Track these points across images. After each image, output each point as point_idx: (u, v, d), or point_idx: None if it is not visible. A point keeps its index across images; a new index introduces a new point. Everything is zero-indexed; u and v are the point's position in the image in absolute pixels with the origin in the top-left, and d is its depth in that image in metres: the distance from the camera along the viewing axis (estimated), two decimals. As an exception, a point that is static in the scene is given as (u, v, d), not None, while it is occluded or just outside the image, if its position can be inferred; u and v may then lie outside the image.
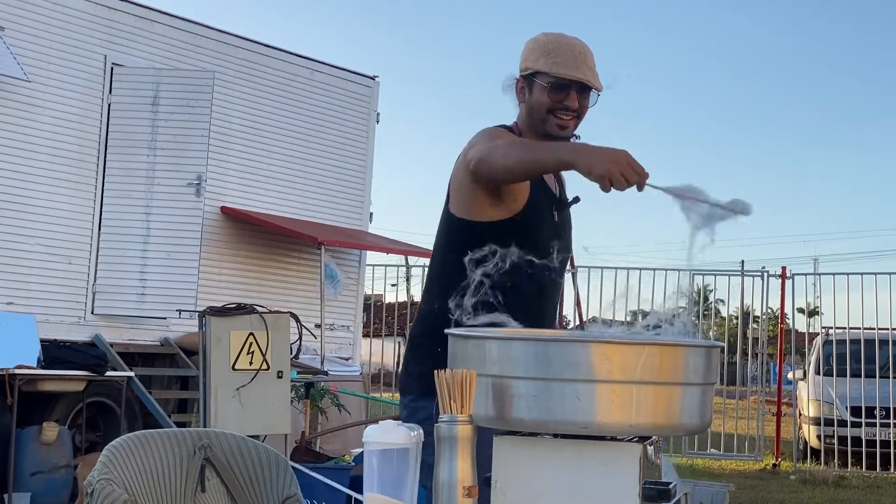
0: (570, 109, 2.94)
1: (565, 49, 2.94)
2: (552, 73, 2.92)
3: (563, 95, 2.93)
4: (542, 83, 2.94)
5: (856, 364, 13.16)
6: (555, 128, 2.95)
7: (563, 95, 2.93)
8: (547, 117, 2.94)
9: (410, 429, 2.01)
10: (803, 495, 10.51)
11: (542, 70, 2.94)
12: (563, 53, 2.93)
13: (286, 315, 7.11)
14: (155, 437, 2.71)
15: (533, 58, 2.96)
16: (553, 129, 2.95)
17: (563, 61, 2.92)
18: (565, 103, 2.93)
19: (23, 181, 8.87)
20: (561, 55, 2.92)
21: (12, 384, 7.42)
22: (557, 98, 2.93)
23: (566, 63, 2.92)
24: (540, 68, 2.94)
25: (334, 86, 11.32)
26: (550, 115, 2.94)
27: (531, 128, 2.99)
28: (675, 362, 2.07)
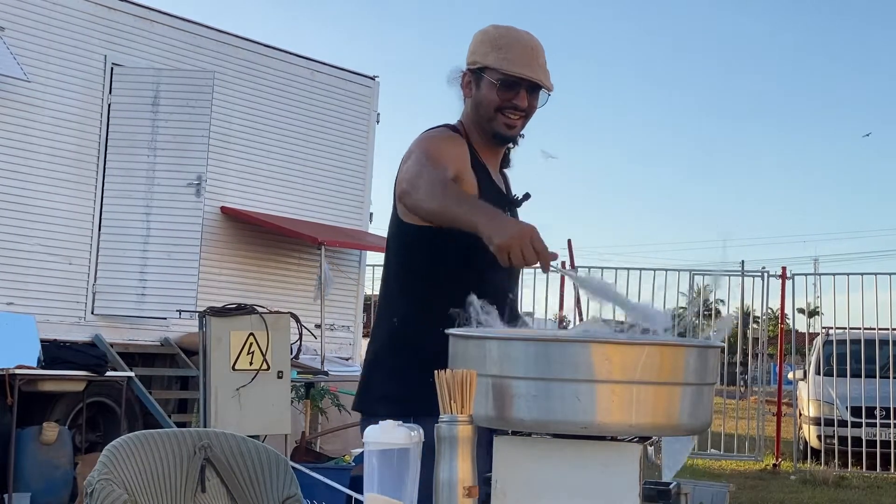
0: (518, 109, 2.81)
1: (516, 45, 2.79)
2: (502, 69, 2.77)
3: (513, 94, 2.79)
4: (490, 79, 2.80)
5: (856, 364, 13.15)
6: (502, 127, 2.82)
7: (512, 94, 2.79)
8: (494, 116, 2.81)
9: (410, 429, 2.01)
10: (803, 495, 10.51)
11: (491, 66, 2.79)
12: (514, 49, 2.78)
13: (286, 315, 7.11)
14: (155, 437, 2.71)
15: (482, 52, 2.81)
16: (500, 128, 2.82)
17: (515, 58, 2.77)
18: (514, 102, 2.79)
19: (22, 181, 8.88)
20: (512, 51, 2.78)
21: (12, 384, 7.42)
22: (506, 96, 2.79)
23: (517, 60, 2.77)
24: (489, 63, 2.79)
25: (334, 86, 11.32)
26: (498, 113, 2.81)
27: (477, 125, 2.86)
28: (675, 362, 2.07)
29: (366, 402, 2.81)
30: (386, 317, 2.84)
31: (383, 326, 2.85)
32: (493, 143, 2.88)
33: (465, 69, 2.87)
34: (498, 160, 2.96)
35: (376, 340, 2.86)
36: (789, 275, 13.29)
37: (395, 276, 2.87)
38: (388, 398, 2.72)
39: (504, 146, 2.93)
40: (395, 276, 2.87)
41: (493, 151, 2.92)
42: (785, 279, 13.20)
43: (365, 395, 2.83)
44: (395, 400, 2.69)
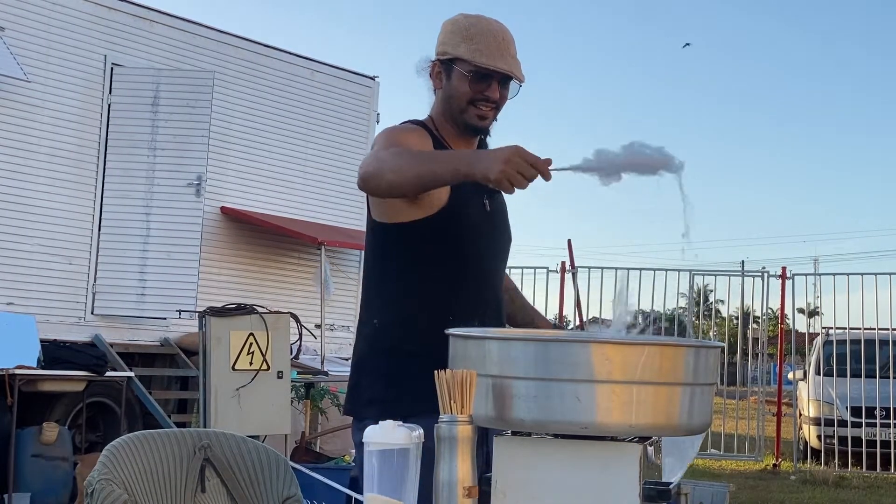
0: (490, 100, 2.77)
1: (488, 35, 2.75)
2: (474, 61, 2.73)
3: (485, 86, 2.75)
4: (461, 71, 2.76)
5: (856, 364, 13.15)
6: (474, 118, 2.78)
7: (484, 86, 2.75)
8: (466, 108, 2.77)
9: (410, 429, 2.01)
10: (803, 495, 10.51)
11: (462, 57, 2.75)
12: (485, 40, 2.74)
13: (286, 315, 7.10)
14: (155, 437, 2.71)
15: (453, 42, 2.77)
16: (473, 119, 2.78)
17: (486, 49, 2.73)
18: (486, 94, 2.76)
19: (22, 181, 8.88)
20: (483, 42, 2.74)
21: (12, 384, 7.42)
22: (478, 88, 2.75)
23: (489, 51, 2.74)
24: (460, 55, 2.75)
25: (334, 86, 11.33)
26: (470, 105, 2.77)
27: (448, 117, 2.82)
28: (675, 362, 2.07)
29: (355, 406, 2.79)
30: (366, 319, 2.82)
31: (364, 329, 2.82)
32: (466, 133, 2.85)
33: (434, 59, 2.83)
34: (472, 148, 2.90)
35: (359, 343, 2.83)
36: (789, 275, 13.29)
37: (371, 278, 2.85)
38: (375, 401, 2.70)
39: (476, 136, 2.89)
40: (372, 278, 2.85)
41: (466, 142, 2.87)
42: (785, 279, 13.20)
43: (354, 400, 2.81)
44: (382, 402, 2.67)
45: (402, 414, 2.42)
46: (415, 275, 2.75)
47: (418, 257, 2.73)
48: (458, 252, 2.75)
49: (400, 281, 2.77)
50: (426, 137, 2.79)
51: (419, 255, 2.73)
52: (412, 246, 2.73)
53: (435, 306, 2.71)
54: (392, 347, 2.73)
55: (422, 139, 2.78)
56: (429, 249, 2.72)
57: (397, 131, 2.78)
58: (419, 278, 2.74)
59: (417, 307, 2.72)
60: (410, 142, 2.71)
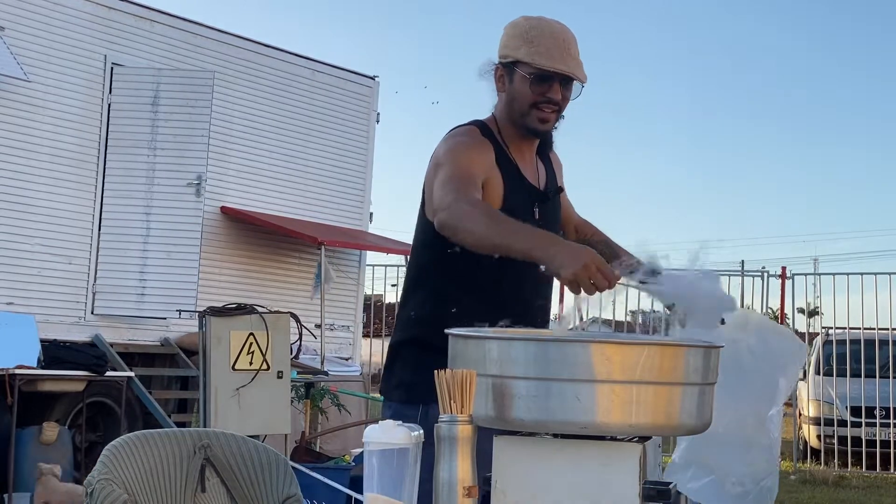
0: (552, 102, 2.80)
1: (548, 37, 2.77)
2: (535, 63, 2.76)
3: (546, 87, 2.78)
4: (523, 73, 2.78)
5: (856, 364, 13.14)
6: (536, 122, 2.82)
7: (545, 87, 2.78)
8: (529, 111, 2.81)
9: (410, 429, 2.01)
10: (803, 495, 10.51)
11: (523, 59, 2.77)
12: (545, 42, 2.76)
13: (286, 315, 7.10)
14: (155, 437, 2.71)
15: (514, 45, 2.80)
16: (534, 123, 2.82)
17: (546, 51, 2.75)
18: (548, 95, 2.78)
19: (23, 181, 8.88)
20: (543, 44, 2.75)
21: (12, 384, 7.42)
22: (540, 90, 2.78)
23: (549, 53, 2.75)
24: (521, 57, 2.77)
25: (334, 86, 11.33)
26: (533, 108, 2.80)
27: (510, 120, 2.86)
28: (675, 362, 2.07)
29: (385, 388, 2.94)
30: (404, 308, 2.92)
31: (401, 318, 2.93)
32: (528, 136, 2.88)
33: (497, 62, 2.86)
34: (532, 151, 2.95)
35: (396, 332, 2.95)
36: (789, 275, 13.28)
37: (413, 269, 2.95)
38: (401, 385, 2.85)
39: (538, 139, 2.92)
40: (413, 270, 2.94)
41: (528, 143, 2.92)
42: (785, 279, 13.19)
43: (385, 382, 2.95)
44: (406, 386, 2.81)
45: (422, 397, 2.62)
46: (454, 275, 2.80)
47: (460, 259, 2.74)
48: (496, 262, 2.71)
49: (439, 279, 2.84)
50: (488, 150, 2.82)
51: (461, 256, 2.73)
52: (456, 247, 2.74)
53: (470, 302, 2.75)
54: (423, 340, 2.81)
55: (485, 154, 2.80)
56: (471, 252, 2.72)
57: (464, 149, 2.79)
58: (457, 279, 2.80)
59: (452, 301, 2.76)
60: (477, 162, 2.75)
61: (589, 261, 2.33)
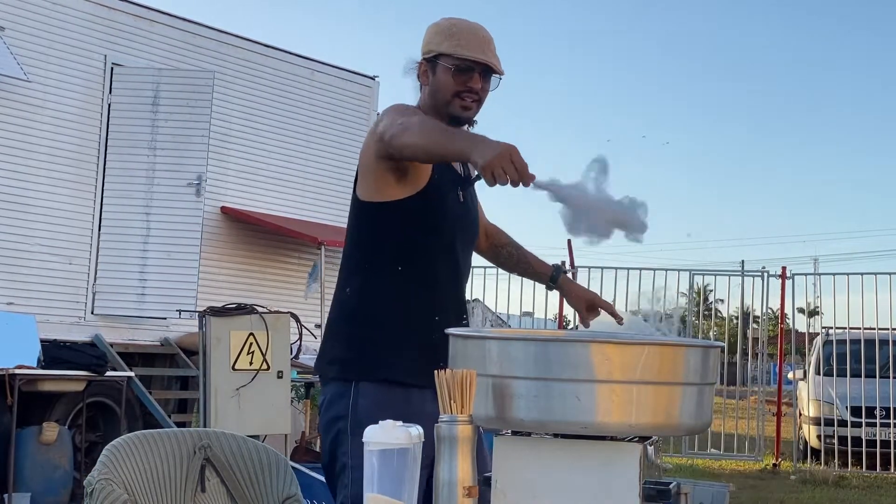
0: (473, 91, 2.92)
1: (468, 32, 2.94)
2: (456, 54, 2.91)
3: (468, 77, 2.91)
4: (445, 65, 2.92)
5: (856, 364, 13.14)
6: (459, 109, 2.93)
7: (467, 77, 2.91)
8: (452, 100, 2.93)
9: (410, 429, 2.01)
10: (803, 495, 10.50)
11: (445, 52, 2.92)
12: (466, 36, 2.92)
13: (286, 315, 7.11)
14: (155, 437, 2.71)
15: (437, 41, 2.95)
16: (457, 110, 2.93)
17: (467, 43, 2.91)
18: (469, 85, 2.91)
19: (23, 181, 8.88)
20: (464, 38, 2.92)
21: (12, 384, 7.42)
22: (462, 79, 2.91)
23: (470, 45, 2.91)
24: (444, 50, 2.92)
25: (334, 86, 11.32)
26: (455, 97, 2.92)
27: (434, 111, 2.96)
28: (675, 362, 2.07)
29: (319, 365, 3.00)
30: (341, 288, 3.00)
31: (337, 296, 3.00)
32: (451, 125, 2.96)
33: (420, 59, 2.99)
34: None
35: (332, 310, 3.02)
36: (789, 275, 13.28)
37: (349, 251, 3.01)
38: (335, 361, 2.92)
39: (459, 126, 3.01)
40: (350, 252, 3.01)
41: None
42: (785, 279, 13.19)
43: (319, 360, 3.01)
44: (340, 362, 2.89)
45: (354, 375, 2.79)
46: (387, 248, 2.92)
47: (393, 233, 2.91)
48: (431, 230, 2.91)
49: (373, 254, 2.94)
50: None
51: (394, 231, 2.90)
52: (389, 223, 2.90)
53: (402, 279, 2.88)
54: (356, 312, 2.92)
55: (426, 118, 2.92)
56: (404, 227, 2.90)
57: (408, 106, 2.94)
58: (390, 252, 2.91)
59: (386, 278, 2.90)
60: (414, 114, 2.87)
61: (504, 150, 2.40)
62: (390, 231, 2.90)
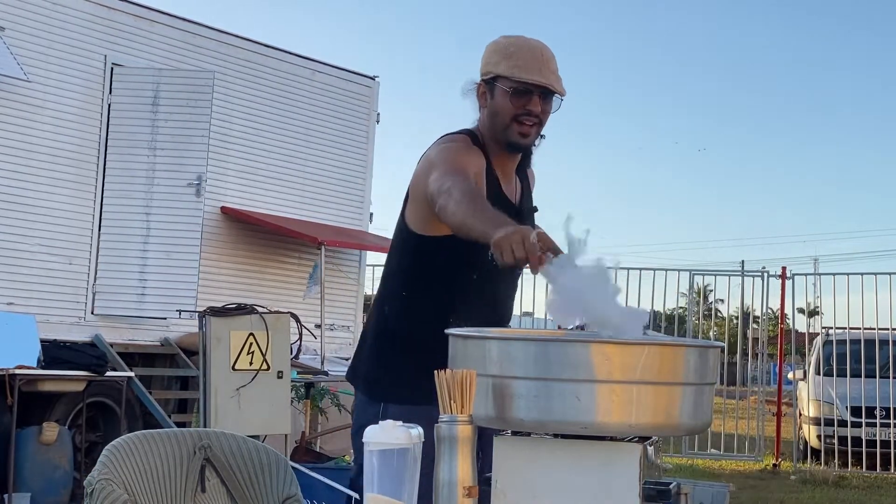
0: (532, 114, 2.85)
1: (526, 52, 2.84)
2: (514, 77, 2.83)
3: (526, 100, 2.84)
4: (503, 87, 2.85)
5: (856, 364, 13.14)
6: (517, 136, 2.87)
7: (525, 100, 2.84)
8: (510, 124, 2.86)
9: (410, 429, 2.01)
10: (803, 495, 10.51)
11: (503, 74, 2.84)
12: (524, 56, 2.83)
13: (286, 315, 7.10)
14: (155, 437, 2.71)
15: (494, 61, 2.87)
16: (515, 136, 2.87)
17: (525, 64, 2.83)
18: (528, 108, 2.84)
19: (23, 181, 8.88)
20: (522, 58, 2.83)
21: (12, 384, 7.42)
22: (520, 103, 2.84)
23: (528, 66, 2.82)
24: (501, 72, 2.85)
25: (334, 86, 11.32)
26: (514, 122, 2.86)
27: (492, 134, 2.91)
28: (675, 362, 2.08)
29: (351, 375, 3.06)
30: (379, 305, 3.03)
31: (375, 312, 3.04)
32: (510, 151, 2.94)
33: (479, 80, 2.93)
34: (513, 167, 3.01)
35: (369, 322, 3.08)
36: (789, 275, 13.28)
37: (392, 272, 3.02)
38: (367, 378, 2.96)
39: (519, 154, 2.98)
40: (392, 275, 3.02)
41: (509, 158, 2.98)
42: (785, 279, 13.19)
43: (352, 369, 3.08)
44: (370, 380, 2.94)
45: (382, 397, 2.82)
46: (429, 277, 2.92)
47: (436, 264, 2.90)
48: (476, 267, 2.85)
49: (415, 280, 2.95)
50: (479, 158, 2.90)
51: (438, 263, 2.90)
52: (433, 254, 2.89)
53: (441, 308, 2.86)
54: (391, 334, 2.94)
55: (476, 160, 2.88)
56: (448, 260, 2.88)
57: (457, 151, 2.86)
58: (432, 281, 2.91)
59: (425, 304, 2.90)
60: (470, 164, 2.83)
61: (517, 231, 2.31)
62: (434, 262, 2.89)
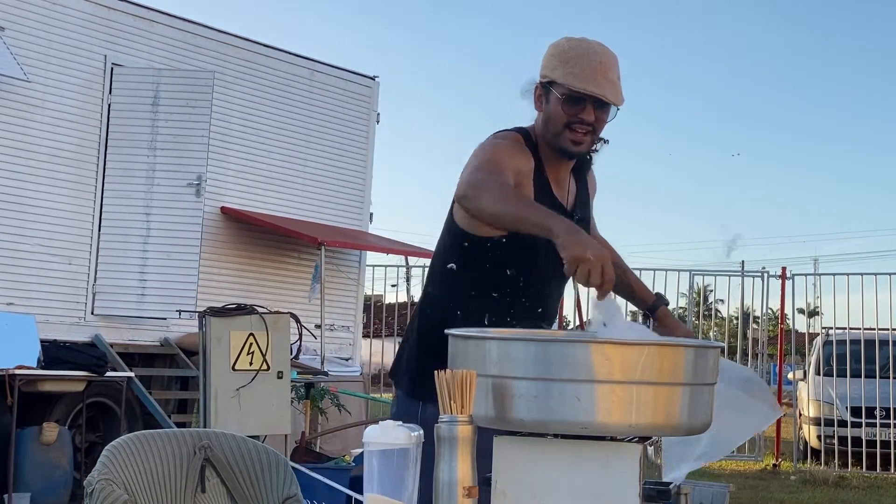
0: (585, 123, 2.80)
1: (584, 59, 2.77)
2: (567, 84, 2.77)
3: (579, 109, 2.79)
4: (557, 94, 2.80)
5: (856, 364, 13.15)
6: (569, 143, 2.83)
7: (578, 109, 2.79)
8: (562, 131, 2.81)
9: (410, 429, 2.01)
10: (803, 495, 10.51)
11: (558, 80, 2.79)
12: (581, 63, 2.77)
13: (286, 315, 7.10)
14: (155, 437, 2.71)
15: (552, 65, 2.82)
16: (567, 143, 2.83)
17: (581, 72, 2.76)
18: (581, 117, 2.79)
19: (22, 181, 8.88)
20: (579, 65, 2.77)
21: (12, 384, 7.42)
22: (573, 111, 2.79)
23: (583, 74, 2.76)
24: (556, 78, 2.79)
25: (334, 86, 11.32)
26: (566, 129, 2.81)
27: (545, 138, 2.87)
28: (675, 362, 2.07)
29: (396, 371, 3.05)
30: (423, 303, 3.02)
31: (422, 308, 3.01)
32: (562, 157, 2.90)
33: (538, 82, 2.88)
34: (567, 172, 2.96)
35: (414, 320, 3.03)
36: (789, 275, 13.29)
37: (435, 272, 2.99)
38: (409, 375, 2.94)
39: (572, 161, 2.94)
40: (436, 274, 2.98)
41: (563, 163, 2.94)
42: (785, 279, 13.19)
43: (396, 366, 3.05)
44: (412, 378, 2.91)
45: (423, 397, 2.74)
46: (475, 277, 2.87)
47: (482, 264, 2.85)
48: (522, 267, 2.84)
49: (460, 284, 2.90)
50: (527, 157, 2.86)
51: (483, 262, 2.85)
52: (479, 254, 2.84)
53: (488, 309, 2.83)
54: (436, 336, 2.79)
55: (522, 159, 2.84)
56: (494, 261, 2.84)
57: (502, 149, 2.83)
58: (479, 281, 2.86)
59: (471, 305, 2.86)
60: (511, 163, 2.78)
61: (599, 253, 2.30)
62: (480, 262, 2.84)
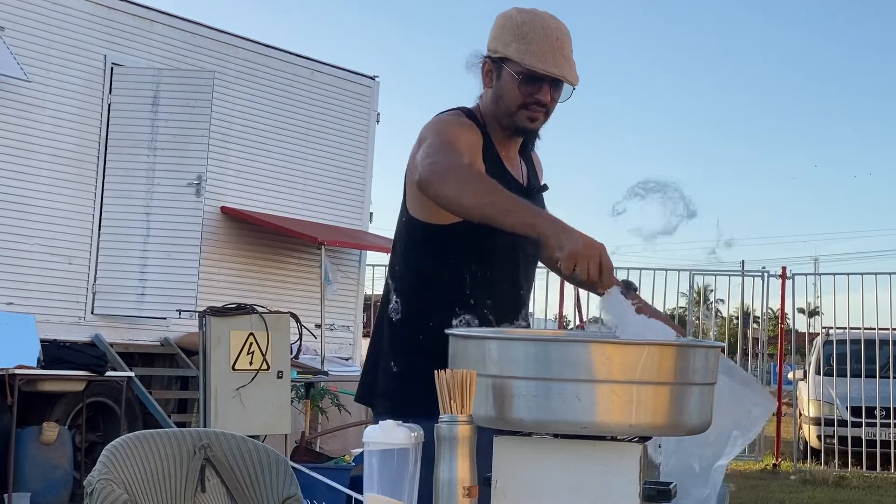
0: (540, 103, 2.66)
1: (541, 35, 2.61)
2: (525, 63, 2.61)
3: (535, 88, 2.64)
4: (511, 72, 2.64)
5: (856, 364, 13.16)
6: (525, 120, 2.68)
7: (534, 88, 2.64)
8: (517, 111, 2.67)
9: (410, 429, 2.01)
10: (803, 495, 10.51)
11: (513, 57, 2.62)
12: (538, 40, 2.61)
13: (286, 315, 7.11)
14: (155, 437, 2.71)
15: (505, 40, 2.64)
16: (523, 121, 2.68)
17: (538, 50, 2.60)
18: (537, 97, 2.65)
19: (23, 181, 8.88)
20: (536, 42, 2.61)
21: (12, 384, 7.42)
22: (529, 91, 2.64)
23: (541, 52, 2.60)
24: (510, 55, 2.63)
25: (334, 86, 11.32)
26: (521, 108, 2.67)
27: (495, 117, 2.71)
28: (675, 362, 2.07)
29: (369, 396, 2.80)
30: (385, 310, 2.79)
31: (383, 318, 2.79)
32: (514, 135, 2.77)
33: (485, 55, 2.71)
34: (516, 149, 2.83)
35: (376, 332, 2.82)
36: (789, 275, 13.29)
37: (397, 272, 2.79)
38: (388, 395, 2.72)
39: (523, 137, 2.80)
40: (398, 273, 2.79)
41: (513, 143, 2.80)
42: (785, 279, 13.19)
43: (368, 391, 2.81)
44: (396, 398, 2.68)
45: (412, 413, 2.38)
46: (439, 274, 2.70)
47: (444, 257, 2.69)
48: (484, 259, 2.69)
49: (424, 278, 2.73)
50: (476, 134, 2.70)
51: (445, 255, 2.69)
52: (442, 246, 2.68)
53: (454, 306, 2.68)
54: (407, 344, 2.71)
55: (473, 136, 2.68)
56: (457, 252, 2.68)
57: (452, 125, 2.67)
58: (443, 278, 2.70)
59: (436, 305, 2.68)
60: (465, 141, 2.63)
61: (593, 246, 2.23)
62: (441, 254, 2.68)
